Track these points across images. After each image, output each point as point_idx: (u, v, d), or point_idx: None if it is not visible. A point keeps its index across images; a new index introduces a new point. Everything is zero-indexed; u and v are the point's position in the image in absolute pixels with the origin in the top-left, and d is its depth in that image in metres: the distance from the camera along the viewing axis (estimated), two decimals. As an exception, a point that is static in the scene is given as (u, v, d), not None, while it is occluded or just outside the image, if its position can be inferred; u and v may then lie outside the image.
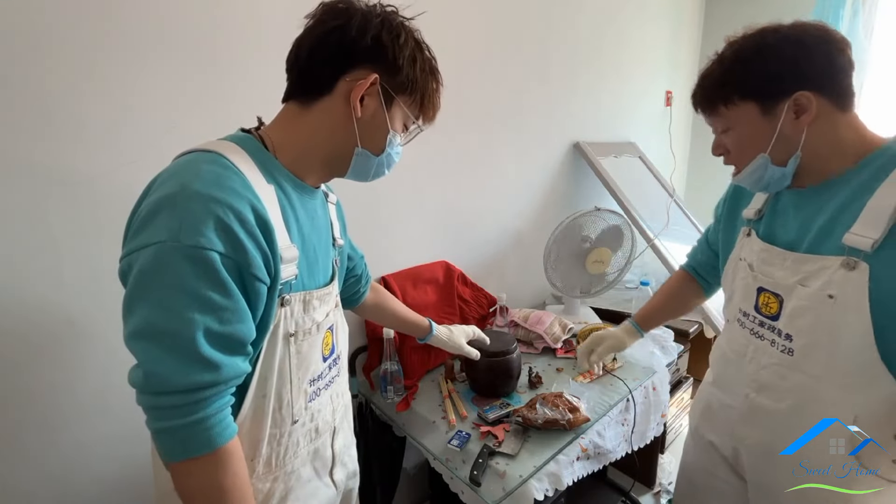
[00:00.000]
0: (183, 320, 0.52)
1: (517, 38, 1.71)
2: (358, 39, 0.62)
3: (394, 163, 0.75)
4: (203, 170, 0.55)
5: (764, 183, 0.76)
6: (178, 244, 0.51)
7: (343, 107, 0.65)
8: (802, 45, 0.69)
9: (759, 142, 0.73)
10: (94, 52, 0.89)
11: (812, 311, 0.72)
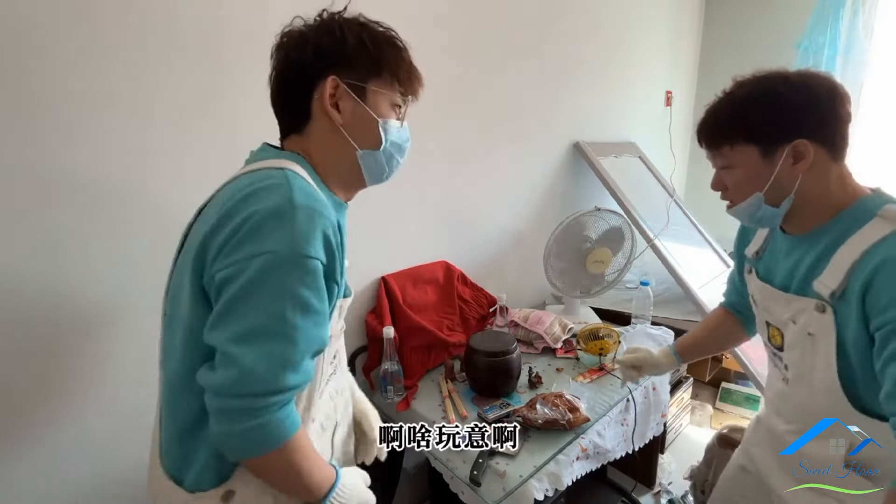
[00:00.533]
0: (289, 326, 0.56)
1: (517, 38, 1.71)
2: (303, 57, 0.65)
3: (402, 147, 0.74)
4: (296, 185, 0.58)
5: (756, 218, 0.80)
6: (291, 254, 0.55)
7: (327, 122, 0.67)
8: (810, 94, 0.71)
9: (756, 182, 0.76)
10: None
11: (799, 346, 0.78)
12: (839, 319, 0.71)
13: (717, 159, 0.81)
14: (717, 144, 0.79)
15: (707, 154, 0.84)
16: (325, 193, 0.66)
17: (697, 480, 1.60)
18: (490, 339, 1.30)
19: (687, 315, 1.80)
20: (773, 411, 0.91)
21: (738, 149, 0.76)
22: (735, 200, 0.80)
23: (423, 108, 1.43)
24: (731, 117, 0.77)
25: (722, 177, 0.81)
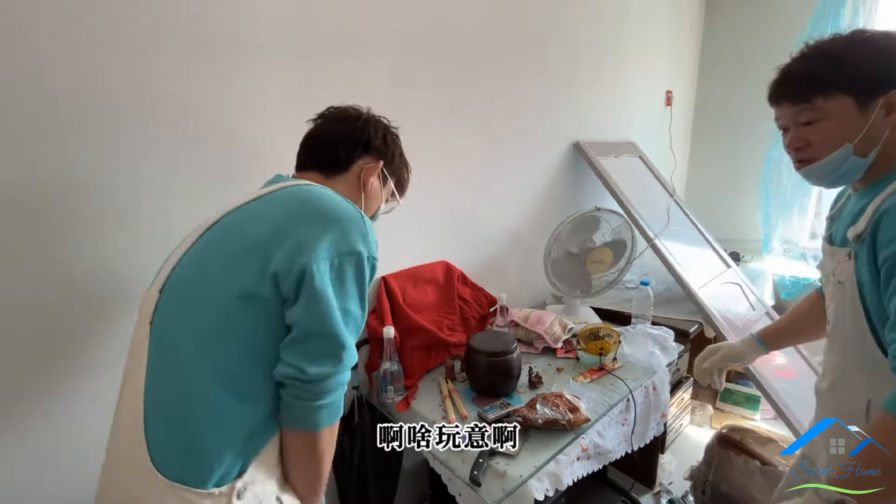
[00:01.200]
0: (364, 311, 0.73)
1: (517, 38, 1.71)
2: (373, 137, 0.88)
3: (377, 217, 0.98)
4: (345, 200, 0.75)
5: (841, 172, 0.79)
6: (370, 257, 0.72)
7: (355, 181, 0.87)
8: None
9: (849, 134, 0.75)
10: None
11: (834, 297, 0.83)
12: (858, 262, 0.75)
13: (801, 114, 0.78)
14: (808, 96, 0.76)
15: (781, 112, 0.82)
16: None
17: (697, 480, 1.60)
18: (490, 339, 1.30)
19: (687, 315, 1.80)
20: (822, 373, 0.92)
21: (832, 99, 0.74)
22: (819, 155, 0.78)
23: (423, 108, 1.45)
24: (829, 66, 0.75)
25: (804, 133, 0.79)
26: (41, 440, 0.94)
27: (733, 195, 2.81)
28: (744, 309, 1.95)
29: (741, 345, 1.12)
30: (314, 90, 1.19)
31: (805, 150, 0.80)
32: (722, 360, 1.12)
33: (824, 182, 0.83)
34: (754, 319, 1.91)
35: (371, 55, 1.30)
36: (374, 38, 1.30)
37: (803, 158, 0.81)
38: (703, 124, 2.92)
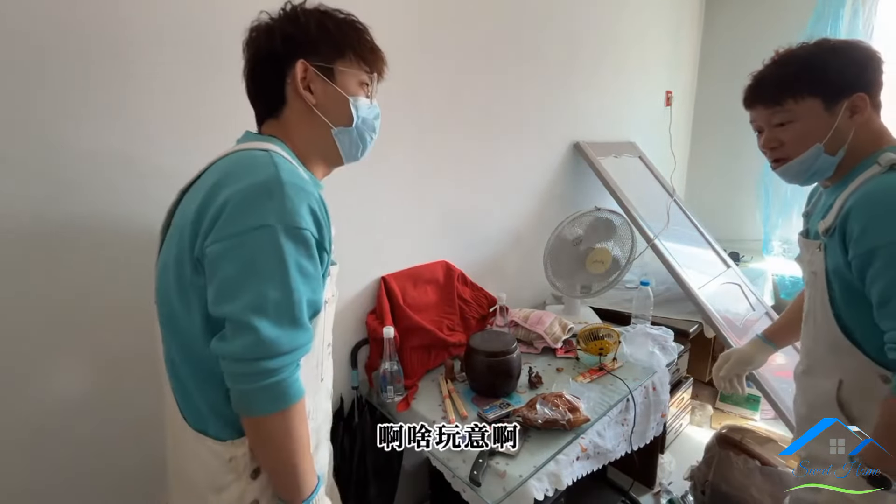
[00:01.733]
0: (295, 292, 0.62)
1: (517, 38, 1.71)
2: (273, 46, 0.71)
3: (373, 124, 0.80)
4: (280, 163, 0.64)
5: (813, 170, 0.85)
6: (287, 227, 0.61)
7: (301, 104, 0.73)
8: (864, 53, 0.80)
9: (817, 134, 0.82)
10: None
11: (809, 285, 0.90)
12: (827, 254, 0.82)
13: (774, 116, 0.85)
14: (780, 99, 0.83)
15: (756, 115, 0.88)
16: (306, 173, 0.71)
17: (697, 480, 1.60)
18: (490, 339, 1.30)
19: (687, 315, 1.80)
20: (800, 358, 0.98)
21: (802, 102, 0.81)
22: (792, 155, 0.84)
23: (423, 108, 1.46)
24: (799, 71, 0.81)
25: (777, 134, 0.85)
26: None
27: (733, 195, 2.81)
28: (743, 309, 1.95)
29: (749, 347, 1.16)
30: None
31: (779, 149, 0.86)
32: (735, 365, 1.16)
33: (799, 180, 0.89)
34: (754, 319, 1.92)
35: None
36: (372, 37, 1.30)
37: (778, 157, 0.87)
38: (703, 124, 2.92)
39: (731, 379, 1.16)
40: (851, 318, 0.81)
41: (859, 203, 0.75)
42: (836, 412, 0.84)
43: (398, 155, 1.42)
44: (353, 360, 1.40)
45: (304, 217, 0.62)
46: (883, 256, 0.72)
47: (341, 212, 1.31)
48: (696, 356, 2.10)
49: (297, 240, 0.62)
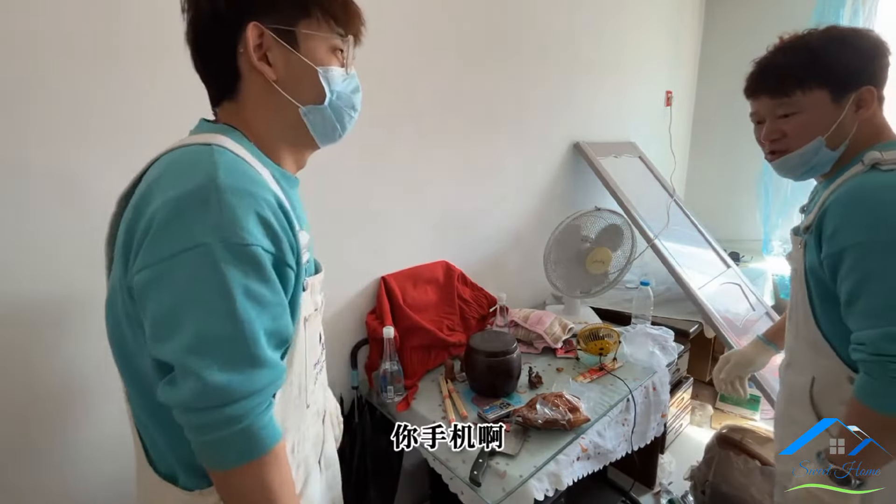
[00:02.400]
0: (243, 323, 0.49)
1: (517, 38, 1.71)
2: (214, 4, 0.56)
3: (351, 99, 0.65)
4: (221, 161, 0.51)
5: (810, 165, 0.83)
6: (226, 244, 0.48)
7: (259, 79, 0.58)
8: (873, 43, 0.77)
9: (821, 127, 0.79)
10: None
11: (792, 281, 0.91)
12: (807, 251, 0.82)
13: (779, 107, 0.81)
14: (787, 89, 0.79)
15: (759, 105, 0.85)
16: (269, 167, 0.59)
17: (697, 480, 1.60)
18: (490, 339, 1.30)
19: (687, 315, 1.80)
20: (784, 354, 0.99)
21: (810, 93, 0.78)
22: (793, 147, 0.82)
23: (423, 108, 1.45)
24: (809, 61, 0.77)
25: (780, 125, 0.82)
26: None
27: (733, 195, 2.81)
28: (743, 309, 1.95)
29: (750, 348, 1.15)
30: None
31: (780, 141, 0.83)
32: (735, 367, 1.14)
33: (795, 174, 0.87)
34: (754, 319, 1.91)
35: (368, 54, 1.29)
36: (371, 36, 1.29)
37: (777, 150, 0.85)
38: (703, 124, 2.92)
39: (731, 381, 1.15)
40: (824, 317, 0.81)
41: (835, 202, 0.74)
42: (808, 409, 0.85)
43: (398, 154, 1.42)
44: (353, 360, 1.40)
45: (250, 230, 0.49)
46: (851, 256, 0.71)
47: (341, 211, 1.32)
48: (696, 356, 2.10)
49: (241, 259, 0.49)
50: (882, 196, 0.70)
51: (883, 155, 0.73)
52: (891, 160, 0.72)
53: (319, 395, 0.74)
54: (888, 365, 0.67)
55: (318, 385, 0.72)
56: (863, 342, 0.70)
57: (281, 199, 0.55)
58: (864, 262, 0.70)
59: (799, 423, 0.87)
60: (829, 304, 0.79)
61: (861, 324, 0.72)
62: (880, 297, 0.69)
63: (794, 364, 0.92)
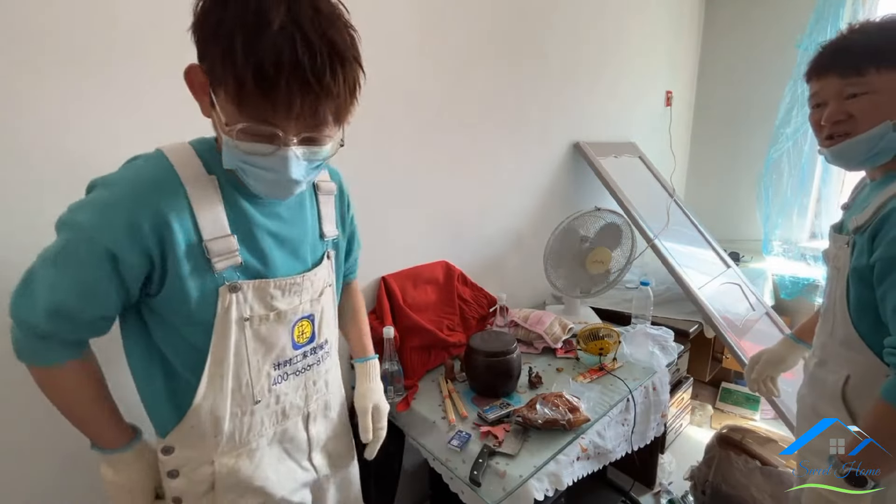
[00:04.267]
0: (39, 278, 0.61)
1: (518, 39, 1.71)
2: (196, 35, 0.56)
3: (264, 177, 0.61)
4: (137, 164, 0.63)
5: (874, 151, 0.78)
6: (69, 223, 0.60)
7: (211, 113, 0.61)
8: None
9: (892, 110, 0.75)
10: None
11: (830, 280, 0.89)
12: (855, 251, 0.80)
13: (848, 87, 0.78)
14: (862, 68, 0.76)
15: (823, 85, 0.81)
16: (212, 172, 0.64)
17: (697, 480, 1.60)
18: (490, 339, 1.30)
19: (687, 315, 1.80)
20: (813, 351, 0.97)
21: (885, 74, 0.75)
22: (858, 130, 0.78)
23: (423, 108, 1.45)
24: (888, 41, 0.75)
25: (846, 106, 0.78)
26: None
27: (733, 195, 2.81)
28: (744, 309, 1.95)
29: (780, 347, 1.12)
30: None
31: (845, 122, 0.79)
32: (766, 366, 1.12)
33: (854, 161, 0.82)
34: (754, 319, 1.91)
35: (368, 54, 1.29)
36: (371, 36, 1.30)
37: (838, 133, 0.80)
38: (703, 124, 2.92)
39: (763, 380, 1.12)
40: (862, 316, 0.81)
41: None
42: (840, 406, 0.84)
43: (398, 154, 1.42)
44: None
45: (109, 230, 0.57)
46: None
47: (341, 212, 1.32)
48: (696, 356, 2.10)
49: (70, 244, 0.58)
50: None
51: None
52: None
53: (289, 394, 0.78)
54: None
55: (285, 385, 0.77)
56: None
57: (165, 213, 0.59)
58: None
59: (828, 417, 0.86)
60: (871, 305, 0.78)
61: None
62: None
63: (828, 362, 0.89)
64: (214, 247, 0.64)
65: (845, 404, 0.84)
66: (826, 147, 0.83)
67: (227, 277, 0.66)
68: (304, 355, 0.79)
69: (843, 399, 0.84)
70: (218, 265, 0.65)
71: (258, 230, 0.69)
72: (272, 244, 0.71)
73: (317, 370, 0.83)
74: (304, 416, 0.83)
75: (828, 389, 0.87)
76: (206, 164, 0.64)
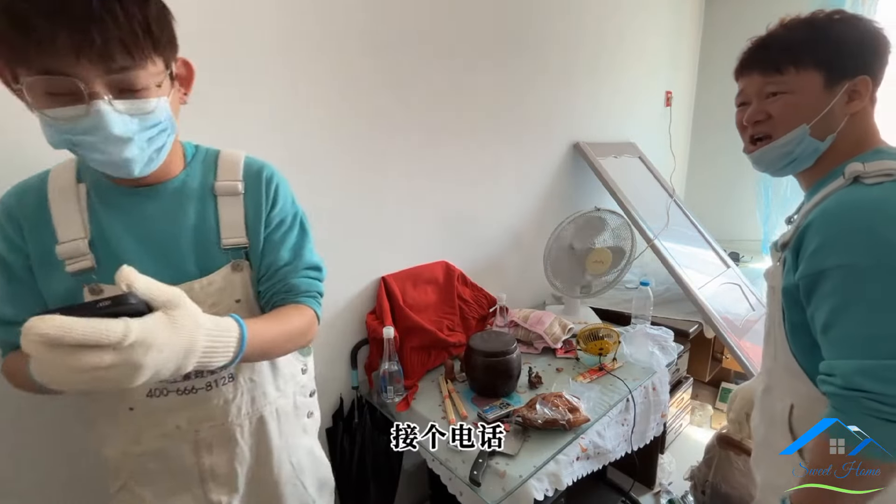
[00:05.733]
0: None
1: (517, 38, 1.71)
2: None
3: (93, 145, 0.56)
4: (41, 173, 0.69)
5: (793, 156, 0.76)
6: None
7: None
8: (877, 36, 0.71)
9: (807, 113, 0.73)
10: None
11: (768, 299, 0.83)
12: (785, 269, 0.74)
13: (768, 85, 0.75)
14: (781, 66, 0.73)
15: (747, 83, 0.79)
16: (83, 177, 0.68)
17: (697, 480, 1.60)
18: (490, 339, 1.30)
19: (687, 315, 1.80)
20: (758, 376, 0.94)
21: (803, 72, 0.72)
22: (777, 133, 0.76)
23: (423, 108, 1.46)
24: (808, 38, 0.72)
25: (766, 105, 0.76)
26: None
27: (733, 195, 2.81)
28: (743, 309, 1.95)
29: (754, 382, 1.07)
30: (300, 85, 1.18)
31: (764, 123, 0.77)
32: (742, 403, 1.08)
33: (776, 166, 0.80)
34: (754, 320, 1.91)
35: (368, 54, 1.30)
36: (371, 37, 1.30)
37: (758, 135, 0.79)
38: (703, 124, 2.92)
39: (741, 420, 1.09)
40: (797, 341, 0.75)
41: (817, 220, 0.67)
42: (788, 437, 0.79)
43: (398, 154, 1.42)
44: (353, 360, 1.40)
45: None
46: (831, 279, 0.65)
47: (341, 212, 1.32)
48: (696, 356, 2.10)
49: None
50: (864, 215, 0.64)
51: (865, 167, 0.67)
52: (874, 172, 0.66)
53: (171, 411, 0.71)
54: (861, 402, 0.61)
55: (155, 400, 0.70)
56: (833, 373, 0.64)
57: (13, 212, 0.66)
58: (844, 286, 0.64)
59: (778, 450, 0.81)
60: (803, 328, 0.73)
61: (833, 353, 0.65)
62: (859, 327, 0.62)
63: (774, 389, 0.84)
64: (63, 250, 0.66)
65: (792, 435, 0.78)
66: (749, 153, 0.81)
67: (84, 280, 0.66)
68: (187, 376, 0.69)
69: (789, 429, 0.79)
70: (69, 267, 0.66)
71: (118, 232, 0.67)
72: (135, 248, 0.68)
73: (210, 395, 0.73)
74: (193, 443, 0.74)
75: (777, 418, 0.82)
76: (80, 172, 0.69)
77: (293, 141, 1.19)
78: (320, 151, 1.25)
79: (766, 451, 0.86)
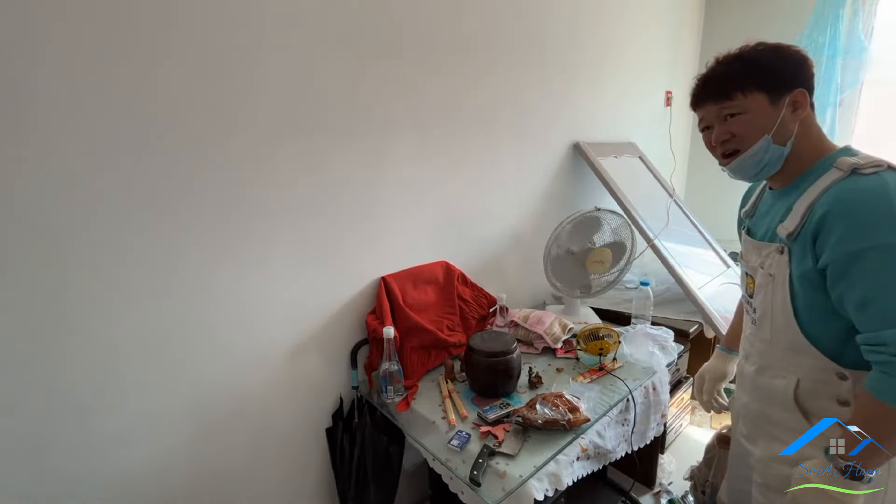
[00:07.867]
0: None
1: (517, 38, 1.71)
2: None
3: None
4: None
5: (763, 163, 0.87)
6: None
7: None
8: (799, 55, 0.85)
9: (765, 126, 0.85)
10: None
11: (763, 287, 0.91)
12: (792, 258, 0.84)
13: (724, 109, 0.88)
14: (730, 93, 0.86)
15: (704, 113, 0.93)
16: None
17: (697, 480, 1.60)
18: (490, 339, 1.30)
19: (687, 315, 1.80)
20: (744, 356, 1.03)
21: (750, 95, 0.85)
22: (744, 146, 0.87)
23: (423, 108, 1.45)
24: (744, 68, 0.86)
25: (727, 126, 0.88)
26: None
27: (733, 195, 2.78)
28: (744, 309, 1.95)
29: (717, 362, 1.21)
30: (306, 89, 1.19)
31: (730, 141, 0.89)
32: (710, 383, 1.20)
33: (750, 173, 0.91)
34: (754, 319, 1.91)
35: (369, 56, 1.30)
36: (371, 37, 1.30)
37: (729, 151, 0.90)
38: (702, 124, 2.92)
39: (714, 398, 1.20)
40: (812, 320, 0.84)
41: (835, 209, 0.76)
42: (794, 409, 0.88)
43: (398, 154, 1.41)
44: (353, 360, 1.40)
45: None
46: (865, 259, 0.72)
47: (341, 212, 1.32)
48: (696, 356, 2.09)
49: None
50: (884, 200, 0.73)
51: (860, 159, 0.78)
52: (868, 164, 0.76)
53: None
54: None
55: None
56: (884, 342, 0.71)
57: None
58: (881, 264, 0.71)
59: (780, 424, 0.91)
60: (819, 309, 0.82)
61: (875, 325, 0.72)
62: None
63: (770, 368, 0.93)
64: None
65: (798, 406, 0.88)
66: (724, 166, 0.93)
67: None
68: None
69: (795, 402, 0.88)
70: None
71: None
72: None
73: None
74: None
75: (777, 395, 0.91)
76: None
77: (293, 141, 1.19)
78: (320, 151, 1.25)
79: (764, 424, 0.95)
